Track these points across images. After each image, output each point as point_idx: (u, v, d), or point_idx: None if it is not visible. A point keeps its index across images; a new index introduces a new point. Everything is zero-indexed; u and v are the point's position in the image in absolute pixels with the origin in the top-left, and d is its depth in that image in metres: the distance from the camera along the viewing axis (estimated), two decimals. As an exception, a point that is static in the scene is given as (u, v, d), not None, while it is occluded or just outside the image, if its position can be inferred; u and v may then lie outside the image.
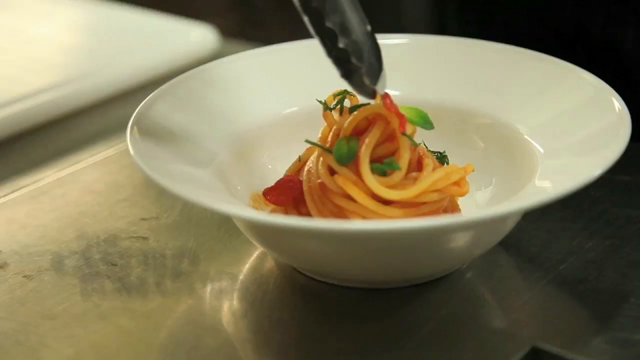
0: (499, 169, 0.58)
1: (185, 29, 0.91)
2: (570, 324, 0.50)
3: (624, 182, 0.63)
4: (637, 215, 0.59)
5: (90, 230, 0.61)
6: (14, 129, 0.73)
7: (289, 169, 0.58)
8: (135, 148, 0.53)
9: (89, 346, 0.50)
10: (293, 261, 0.55)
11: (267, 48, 0.63)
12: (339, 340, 0.50)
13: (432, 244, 0.51)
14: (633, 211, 0.60)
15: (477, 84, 0.60)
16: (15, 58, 0.85)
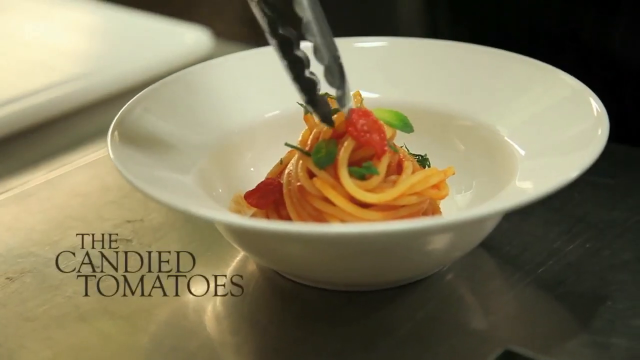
0: (480, 171, 0.58)
1: (179, 31, 0.91)
2: (546, 327, 0.50)
3: (608, 184, 0.63)
4: (619, 218, 0.59)
5: (75, 232, 0.61)
6: (3, 131, 0.74)
7: (270, 172, 0.58)
8: (116, 152, 0.53)
9: (68, 348, 0.51)
10: (272, 264, 0.55)
11: (250, 51, 0.63)
12: (316, 341, 0.50)
13: (410, 246, 0.51)
14: (615, 214, 0.60)
15: (457, 87, 0.61)
16: (8, 59, 0.86)
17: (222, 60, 0.63)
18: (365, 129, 0.53)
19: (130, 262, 0.57)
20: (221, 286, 0.55)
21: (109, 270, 0.56)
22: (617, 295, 0.53)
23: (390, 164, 0.55)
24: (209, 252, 0.58)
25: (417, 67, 0.62)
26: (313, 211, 0.54)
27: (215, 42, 0.92)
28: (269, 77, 0.61)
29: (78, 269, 0.57)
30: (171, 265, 0.57)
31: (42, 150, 0.74)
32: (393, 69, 0.61)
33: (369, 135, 0.53)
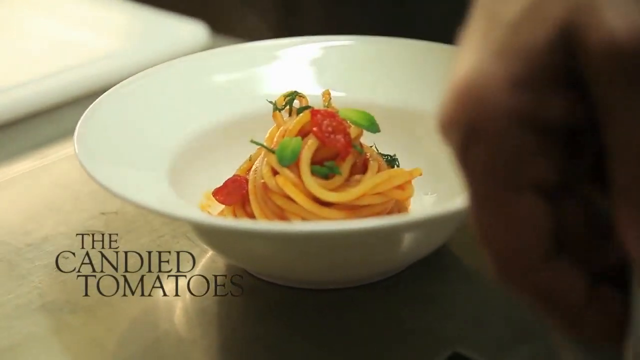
0: (449, 172, 0.58)
1: (175, 24, 0.92)
2: (501, 331, 0.50)
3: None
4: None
5: (50, 223, 0.62)
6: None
7: (239, 169, 0.58)
8: (82, 149, 0.53)
9: (26, 339, 0.51)
10: (234, 261, 0.55)
11: (225, 48, 0.64)
12: (270, 339, 0.51)
13: (368, 246, 0.51)
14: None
15: (429, 85, 0.60)
16: (4, 50, 0.87)
17: (193, 57, 0.63)
18: (329, 130, 0.53)
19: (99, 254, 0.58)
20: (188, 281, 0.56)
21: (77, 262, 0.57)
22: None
23: (356, 163, 0.55)
24: (179, 247, 0.58)
25: (389, 66, 0.62)
26: (276, 209, 0.54)
27: (212, 36, 0.92)
28: (241, 74, 0.62)
29: (47, 259, 0.57)
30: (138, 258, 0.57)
31: (30, 140, 0.75)
32: (363, 68, 0.61)
33: (333, 136, 0.53)
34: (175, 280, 0.55)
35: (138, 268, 0.56)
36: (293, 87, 0.57)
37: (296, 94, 0.57)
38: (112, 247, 0.58)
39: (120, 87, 0.60)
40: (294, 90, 0.57)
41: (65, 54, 0.85)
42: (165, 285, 0.55)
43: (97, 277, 0.55)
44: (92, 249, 0.58)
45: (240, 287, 0.54)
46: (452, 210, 0.49)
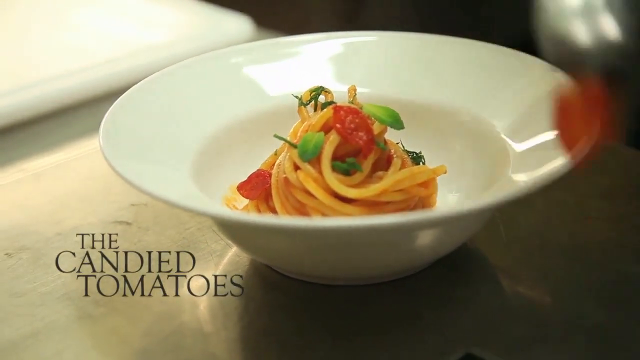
0: (475, 169, 0.58)
1: (220, 18, 0.92)
2: (517, 333, 0.50)
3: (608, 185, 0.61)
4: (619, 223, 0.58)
5: (80, 213, 0.63)
6: (30, 113, 0.76)
7: (264, 163, 0.58)
8: (108, 144, 0.54)
9: (48, 326, 0.52)
10: (252, 254, 0.55)
11: (251, 44, 0.64)
12: (283, 334, 0.51)
13: (387, 242, 0.51)
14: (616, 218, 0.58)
15: (456, 82, 0.60)
16: (50, 42, 0.88)
17: (220, 53, 0.63)
18: (352, 127, 0.53)
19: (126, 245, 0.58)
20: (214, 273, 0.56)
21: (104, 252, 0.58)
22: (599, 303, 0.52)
23: (379, 159, 0.55)
24: (207, 240, 0.59)
25: (416, 62, 0.61)
26: (296, 203, 0.54)
27: (256, 30, 0.93)
28: (269, 69, 0.62)
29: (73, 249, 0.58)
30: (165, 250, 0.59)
31: (70, 131, 0.76)
32: (389, 64, 0.61)
33: (355, 132, 0.53)
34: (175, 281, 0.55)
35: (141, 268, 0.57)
36: (319, 82, 0.57)
37: (322, 89, 0.57)
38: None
39: (146, 82, 0.60)
40: (320, 85, 0.57)
41: (109, 47, 0.86)
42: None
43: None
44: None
45: (241, 287, 0.54)
46: (471, 209, 0.49)
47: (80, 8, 0.96)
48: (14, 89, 0.76)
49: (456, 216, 0.49)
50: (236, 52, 0.64)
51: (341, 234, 0.49)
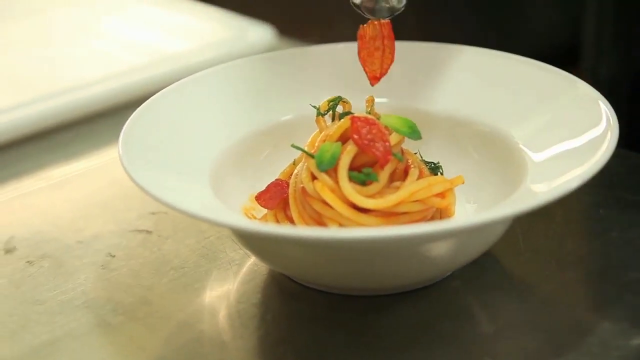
0: (493, 180, 0.58)
1: (242, 27, 0.93)
2: (536, 344, 0.49)
3: (636, 202, 0.61)
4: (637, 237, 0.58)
5: (101, 221, 0.63)
6: (56, 120, 0.76)
7: (282, 173, 0.59)
8: (127, 155, 0.54)
9: (67, 334, 0.53)
10: (269, 264, 0.56)
11: (267, 55, 0.64)
12: (299, 343, 0.51)
13: (403, 253, 0.51)
14: (635, 232, 0.58)
15: (474, 92, 0.60)
16: (75, 51, 0.89)
17: (242, 61, 0.64)
18: (369, 137, 0.53)
19: (146, 254, 0.59)
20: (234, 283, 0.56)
21: (123, 260, 0.58)
22: (616, 315, 0.52)
23: (396, 170, 0.55)
24: (227, 250, 0.59)
25: (433, 72, 0.61)
26: (314, 213, 0.54)
27: (278, 39, 0.93)
28: (288, 78, 0.62)
29: (94, 257, 0.59)
30: (185, 259, 0.59)
31: (90, 140, 0.77)
32: (407, 74, 0.61)
33: (372, 143, 0.53)
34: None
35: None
36: (338, 92, 0.57)
37: (340, 99, 0.57)
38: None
39: (164, 92, 0.60)
40: (338, 95, 0.57)
41: (133, 55, 0.87)
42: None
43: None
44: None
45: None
46: (488, 220, 0.48)
47: (105, 17, 0.97)
48: (38, 97, 0.77)
49: (473, 227, 0.49)
50: (257, 61, 0.64)
51: (358, 245, 0.49)
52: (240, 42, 0.90)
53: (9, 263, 0.59)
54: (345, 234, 0.48)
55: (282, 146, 0.61)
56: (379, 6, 0.55)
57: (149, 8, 0.98)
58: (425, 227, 0.48)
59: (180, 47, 0.89)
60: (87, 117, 0.78)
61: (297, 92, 0.62)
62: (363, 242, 0.48)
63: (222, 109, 0.61)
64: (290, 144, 0.56)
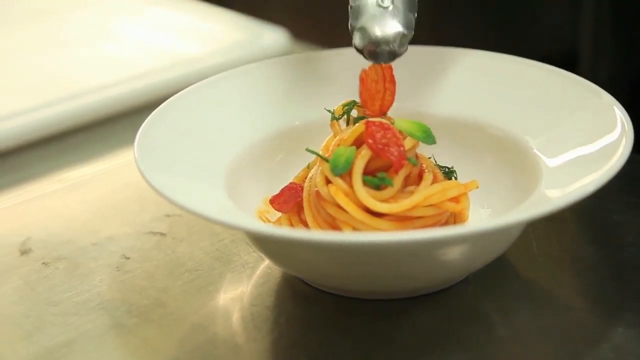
0: (507, 185, 0.58)
1: (257, 31, 0.93)
2: (547, 350, 0.49)
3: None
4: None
5: (115, 223, 0.63)
6: (72, 123, 0.77)
7: (296, 177, 0.59)
8: (142, 157, 0.54)
9: (82, 335, 0.53)
10: (283, 267, 0.56)
11: (282, 58, 0.65)
12: (312, 347, 0.51)
13: (417, 257, 0.51)
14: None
15: (486, 96, 0.60)
16: (90, 53, 0.89)
17: (256, 65, 0.64)
18: (383, 142, 0.53)
19: (160, 256, 0.59)
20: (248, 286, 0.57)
21: (137, 262, 0.59)
22: (630, 320, 0.52)
23: (410, 174, 0.55)
24: (238, 251, 0.60)
25: (448, 76, 0.62)
26: (328, 217, 0.54)
27: (293, 42, 0.93)
28: (302, 82, 0.62)
29: (109, 258, 0.59)
30: (198, 262, 0.59)
31: (106, 143, 0.77)
32: (422, 78, 0.61)
33: (386, 148, 0.53)
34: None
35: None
36: (352, 96, 0.58)
37: (354, 104, 0.57)
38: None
39: (179, 96, 0.61)
40: (353, 99, 0.57)
41: (148, 58, 0.87)
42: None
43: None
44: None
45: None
46: (502, 225, 0.48)
47: (120, 20, 0.97)
48: (54, 100, 0.77)
49: (487, 232, 0.49)
50: (271, 65, 0.65)
51: (372, 249, 0.49)
52: (255, 46, 0.90)
53: (24, 264, 0.59)
54: (359, 238, 0.48)
55: (296, 150, 0.61)
56: (380, 50, 0.56)
57: (165, 11, 0.99)
58: (439, 232, 0.48)
59: (196, 50, 0.89)
60: (103, 119, 0.79)
61: (312, 96, 0.62)
62: (377, 246, 0.49)
63: (237, 112, 0.61)
64: (304, 147, 0.57)
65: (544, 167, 0.56)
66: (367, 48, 0.56)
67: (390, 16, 0.56)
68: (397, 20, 0.56)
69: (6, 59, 0.89)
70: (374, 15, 0.56)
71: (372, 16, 0.56)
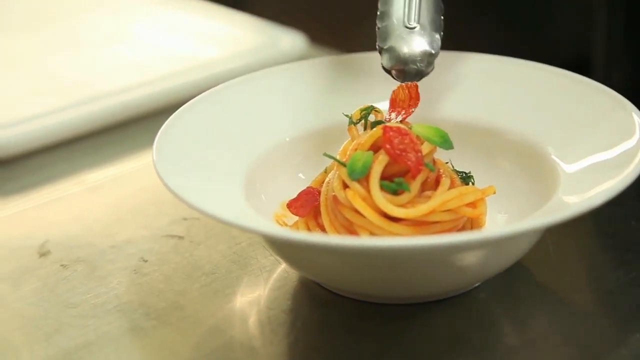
0: (524, 190, 0.58)
1: (274, 35, 0.93)
2: (564, 354, 0.49)
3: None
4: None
5: (133, 226, 0.64)
6: (92, 125, 0.77)
7: (314, 181, 0.59)
8: (160, 160, 0.55)
9: (99, 338, 0.53)
10: (299, 271, 0.56)
11: (307, 62, 0.65)
12: (327, 351, 0.51)
13: (433, 262, 0.51)
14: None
15: (503, 102, 0.61)
16: (109, 57, 0.90)
17: (274, 69, 0.64)
18: (401, 147, 0.53)
19: (177, 259, 0.60)
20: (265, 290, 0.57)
21: (155, 265, 0.59)
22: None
23: (428, 179, 0.55)
24: (255, 255, 0.60)
25: (465, 81, 0.62)
26: (345, 222, 0.54)
27: (310, 47, 0.94)
28: (319, 86, 0.62)
29: (127, 261, 0.59)
30: (216, 265, 0.59)
31: (124, 145, 0.77)
32: (439, 83, 0.61)
33: (404, 154, 0.53)
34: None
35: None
36: (370, 101, 0.58)
37: (372, 109, 0.58)
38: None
39: (198, 100, 0.61)
40: (370, 104, 0.58)
41: (166, 62, 0.87)
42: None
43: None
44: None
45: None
46: (519, 231, 0.49)
47: (140, 24, 0.98)
48: (73, 102, 0.78)
49: (504, 237, 0.49)
50: (289, 69, 0.65)
51: (389, 253, 0.49)
52: (273, 50, 0.90)
53: (43, 266, 0.60)
54: (376, 242, 0.48)
55: (313, 154, 0.61)
56: (408, 68, 0.58)
57: (184, 16, 0.99)
58: (456, 237, 0.48)
59: (214, 54, 0.90)
60: (122, 122, 0.79)
61: (329, 100, 0.62)
62: (394, 251, 0.49)
63: (255, 116, 0.61)
64: (322, 152, 0.57)
65: (562, 173, 0.56)
66: (395, 67, 0.58)
67: (417, 36, 0.58)
68: (424, 40, 0.58)
69: (26, 62, 0.89)
70: (401, 35, 0.58)
71: (399, 37, 0.58)
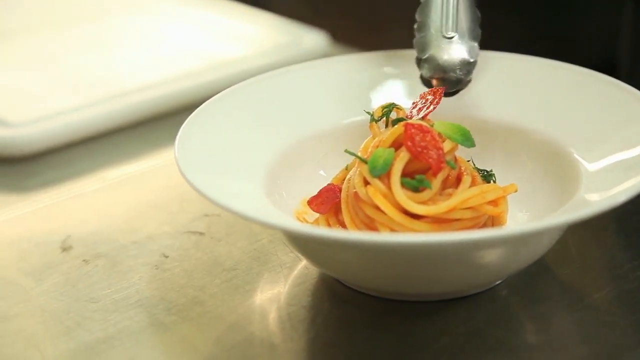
0: (546, 188, 0.58)
1: (296, 33, 0.93)
2: (581, 353, 0.49)
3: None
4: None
5: (155, 222, 0.64)
6: (114, 123, 0.78)
7: (335, 178, 0.59)
8: (182, 155, 0.55)
9: (120, 332, 0.54)
10: (320, 267, 0.56)
11: (328, 60, 0.65)
12: (347, 347, 0.51)
13: (453, 259, 0.51)
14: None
15: (532, 102, 0.60)
16: (132, 56, 0.90)
17: (295, 67, 0.65)
18: (422, 145, 0.53)
19: (198, 255, 0.60)
20: (284, 285, 0.57)
21: (176, 261, 0.59)
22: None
23: (449, 177, 0.55)
24: (275, 251, 0.60)
25: (487, 80, 0.62)
26: (366, 218, 0.54)
27: (332, 45, 0.94)
28: (341, 84, 0.63)
29: (148, 257, 0.60)
30: (237, 261, 0.59)
31: (146, 142, 0.78)
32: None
33: (425, 151, 0.53)
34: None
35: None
36: (392, 99, 0.58)
37: (393, 106, 0.58)
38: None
39: (220, 96, 0.61)
40: (392, 102, 0.58)
41: (189, 60, 0.88)
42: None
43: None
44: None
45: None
46: (540, 229, 0.48)
47: (162, 23, 0.98)
48: (97, 100, 0.78)
49: (526, 235, 0.49)
50: (311, 67, 0.65)
51: (409, 250, 0.49)
52: (295, 49, 0.91)
53: (65, 261, 0.60)
54: (397, 239, 0.48)
55: (335, 151, 0.61)
56: (447, 77, 0.60)
57: (207, 14, 0.99)
58: (477, 234, 0.48)
59: (236, 53, 0.90)
60: (144, 119, 0.80)
61: (351, 98, 0.62)
62: (415, 247, 0.49)
63: (276, 113, 0.62)
64: (343, 149, 0.57)
65: (584, 172, 0.56)
66: (435, 76, 0.60)
67: (456, 45, 0.59)
68: (463, 49, 0.59)
69: (50, 61, 0.90)
70: (439, 45, 0.59)
71: (437, 46, 0.59)
